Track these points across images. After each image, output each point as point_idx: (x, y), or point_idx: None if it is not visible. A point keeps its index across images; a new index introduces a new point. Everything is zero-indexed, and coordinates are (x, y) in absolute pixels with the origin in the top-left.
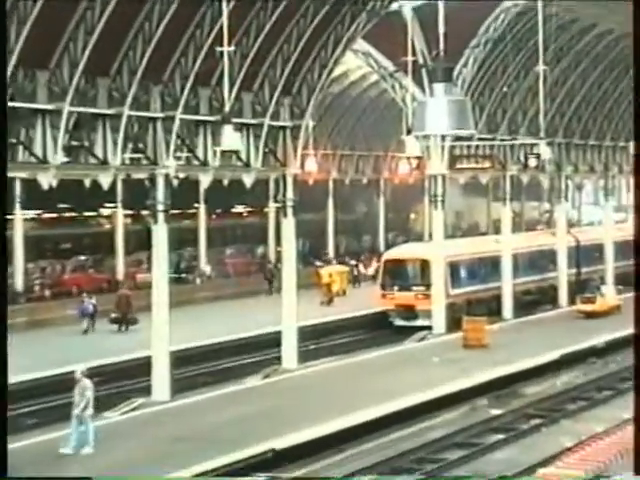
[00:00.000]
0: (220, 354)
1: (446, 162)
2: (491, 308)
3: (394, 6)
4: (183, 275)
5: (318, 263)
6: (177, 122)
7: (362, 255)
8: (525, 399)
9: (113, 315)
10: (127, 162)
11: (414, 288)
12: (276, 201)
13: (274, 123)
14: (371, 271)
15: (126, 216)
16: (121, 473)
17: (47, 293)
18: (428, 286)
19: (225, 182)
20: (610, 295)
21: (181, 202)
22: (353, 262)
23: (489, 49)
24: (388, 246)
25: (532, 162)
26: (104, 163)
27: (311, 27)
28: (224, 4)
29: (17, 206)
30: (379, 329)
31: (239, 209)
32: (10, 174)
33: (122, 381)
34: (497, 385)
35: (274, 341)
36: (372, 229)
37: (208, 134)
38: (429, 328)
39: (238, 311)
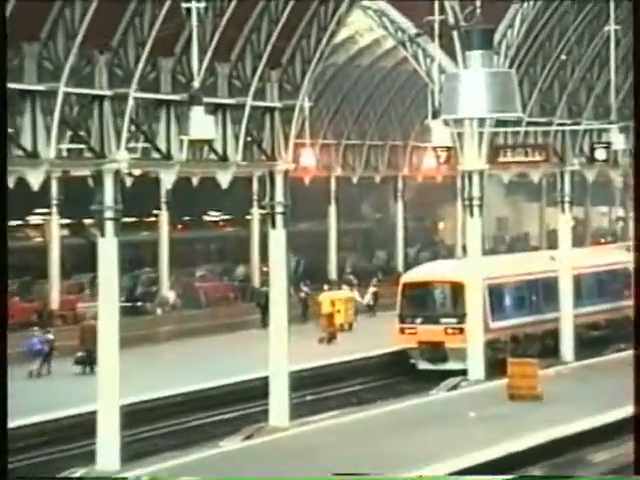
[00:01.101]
0: (189, 408)
1: (485, 154)
2: (545, 347)
3: None
4: (139, 304)
5: (325, 287)
6: (130, 102)
7: (374, 277)
8: (591, 469)
9: (79, 354)
10: (64, 155)
11: (443, 320)
12: (261, 206)
13: (258, 104)
14: (367, 299)
15: (63, 226)
16: None
17: None
18: (461, 317)
19: (194, 181)
20: None
21: (136, 208)
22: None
23: (542, 4)
24: (408, 265)
25: (600, 154)
26: (33, 156)
27: None
28: None
29: None
30: (397, 374)
31: (213, 217)
32: None
33: (62, 444)
34: (555, 450)
35: (259, 390)
36: (388, 242)
37: (172, 118)
38: (463, 373)
39: (212, 350)
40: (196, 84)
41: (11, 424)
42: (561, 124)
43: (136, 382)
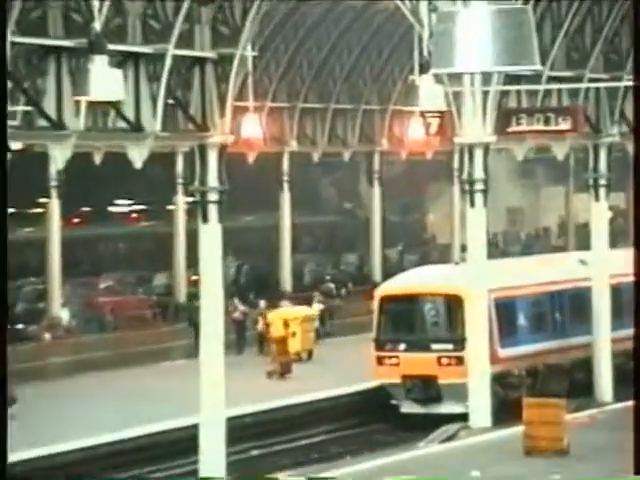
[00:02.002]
0: (85, 470)
1: (491, 122)
2: (574, 382)
3: None
4: (20, 326)
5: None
6: (7, 51)
7: (344, 287)
8: None
9: None
10: None
11: (435, 346)
12: (189, 193)
13: (183, 52)
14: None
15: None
16: None
17: None
18: (460, 343)
19: (97, 159)
20: None
21: (17, 195)
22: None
23: None
24: (388, 271)
25: None
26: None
27: None
28: None
29: None
30: (373, 420)
31: (122, 207)
32: None
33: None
34: None
35: (185, 444)
36: (360, 241)
37: (63, 72)
38: (463, 418)
39: (121, 389)
40: (97, 26)
41: None
42: (595, 80)
43: (17, 433)
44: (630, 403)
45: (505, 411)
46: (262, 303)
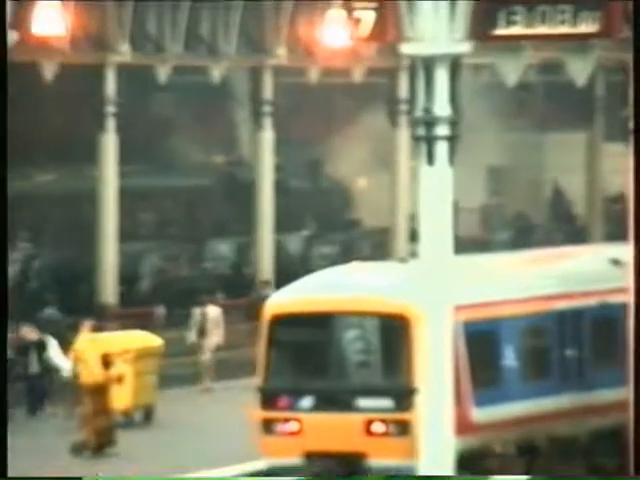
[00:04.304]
0: None
1: (464, 19)
2: (594, 466)
3: None
4: None
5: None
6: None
7: (209, 297)
8: None
9: None
10: None
11: (362, 402)
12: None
13: None
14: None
15: None
16: None
17: None
18: (404, 396)
19: None
20: None
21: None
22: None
23: None
24: (285, 272)
25: None
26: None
27: None
28: None
29: None
30: None
31: None
32: None
33: None
34: None
35: None
36: (239, 221)
37: None
38: None
39: None
40: None
41: None
42: None
43: None
44: None
45: None
46: (64, 322)
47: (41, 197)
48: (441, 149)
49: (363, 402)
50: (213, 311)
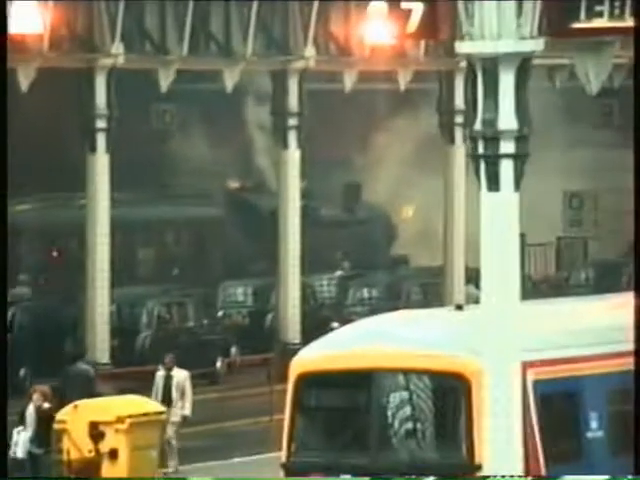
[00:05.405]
0: None
1: (533, 12)
2: None
3: None
4: None
5: None
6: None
7: (222, 354)
8: None
9: None
10: None
11: None
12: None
13: None
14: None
15: None
16: None
17: None
18: (463, 475)
19: None
20: None
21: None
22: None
23: None
24: (316, 322)
25: None
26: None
27: None
28: None
29: None
30: None
31: None
32: None
33: None
34: None
35: None
36: (258, 258)
37: None
38: None
39: None
40: None
41: None
42: None
43: None
44: None
45: None
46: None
47: (15, 231)
48: (506, 170)
49: None
50: (179, 375)
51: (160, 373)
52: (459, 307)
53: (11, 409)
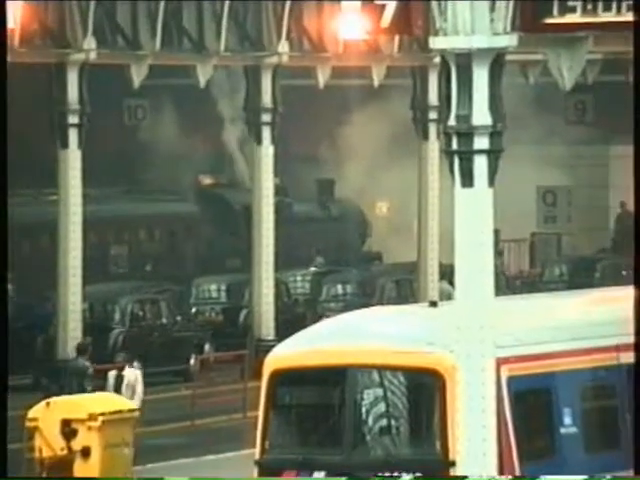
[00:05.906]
0: None
1: (508, 7)
2: None
3: None
4: None
5: None
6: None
7: (195, 349)
8: None
9: None
10: None
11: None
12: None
13: None
14: None
15: None
16: None
17: None
18: (436, 472)
19: None
20: None
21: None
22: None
23: None
24: (290, 318)
25: None
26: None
27: None
28: None
29: None
30: None
31: None
32: None
33: None
34: None
35: None
36: (232, 255)
37: None
38: None
39: None
40: None
41: None
42: None
43: None
44: None
45: None
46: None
47: None
48: (480, 166)
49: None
50: (130, 375)
51: (112, 373)
52: (433, 303)
53: None
